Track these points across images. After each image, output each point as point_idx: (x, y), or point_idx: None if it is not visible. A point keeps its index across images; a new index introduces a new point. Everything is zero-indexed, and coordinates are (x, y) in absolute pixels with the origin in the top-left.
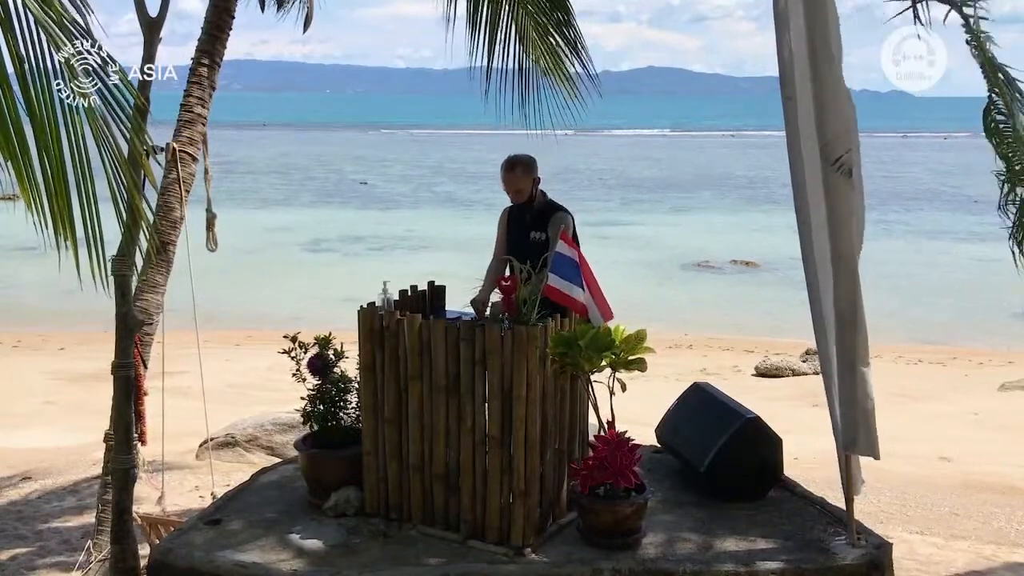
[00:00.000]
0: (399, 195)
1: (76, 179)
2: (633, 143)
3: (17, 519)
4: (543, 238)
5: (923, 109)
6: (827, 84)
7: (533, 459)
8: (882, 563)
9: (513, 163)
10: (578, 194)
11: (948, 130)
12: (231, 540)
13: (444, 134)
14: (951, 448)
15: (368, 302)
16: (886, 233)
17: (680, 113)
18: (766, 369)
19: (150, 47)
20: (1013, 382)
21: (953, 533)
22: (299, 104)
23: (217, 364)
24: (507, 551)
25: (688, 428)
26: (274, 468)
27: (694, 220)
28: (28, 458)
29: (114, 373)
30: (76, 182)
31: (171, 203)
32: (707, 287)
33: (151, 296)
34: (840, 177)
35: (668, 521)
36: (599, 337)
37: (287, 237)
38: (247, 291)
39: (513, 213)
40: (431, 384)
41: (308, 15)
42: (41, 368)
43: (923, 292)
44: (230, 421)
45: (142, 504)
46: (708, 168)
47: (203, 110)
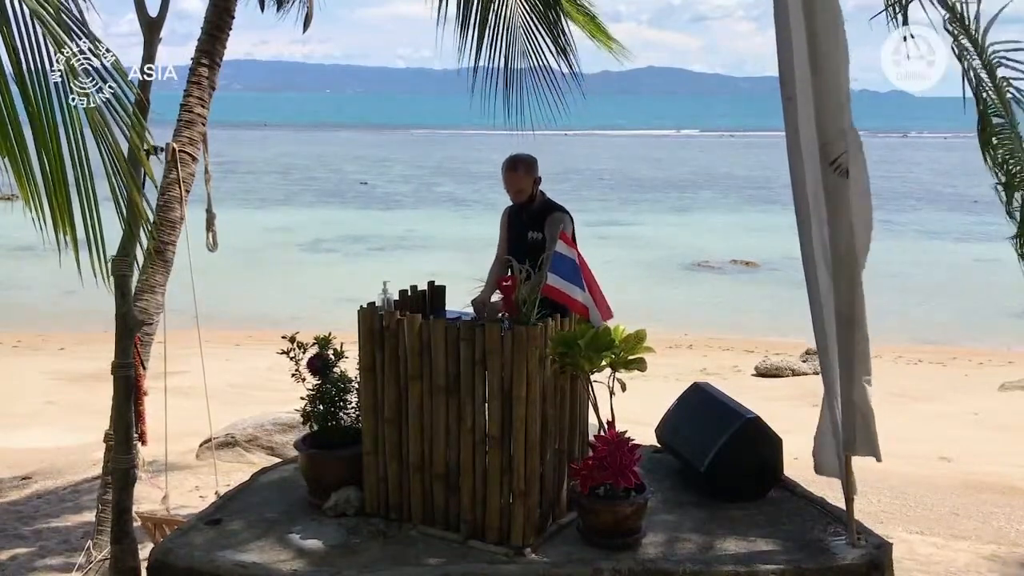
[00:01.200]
0: (399, 195)
1: (76, 178)
2: (633, 143)
3: (17, 519)
4: (540, 238)
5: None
6: (827, 85)
7: (533, 459)
8: (882, 563)
9: (515, 163)
10: (578, 194)
11: (948, 130)
12: (231, 540)
13: (444, 134)
14: (951, 448)
15: (368, 302)
16: (886, 233)
17: (680, 113)
18: (766, 369)
19: (150, 47)
20: (1013, 382)
21: (953, 533)
22: (299, 104)
23: (217, 364)
24: (507, 551)
25: (688, 428)
26: (274, 468)
27: (694, 220)
28: (28, 458)
29: (114, 373)
30: (76, 181)
31: (171, 203)
32: (707, 287)
33: (151, 296)
34: (838, 178)
35: (668, 521)
36: (599, 337)
37: (287, 237)
38: (247, 291)
39: (513, 213)
40: (431, 384)
41: (308, 15)
42: (41, 368)
43: (923, 292)
44: (230, 421)
45: (142, 504)
46: (708, 168)
47: (203, 110)
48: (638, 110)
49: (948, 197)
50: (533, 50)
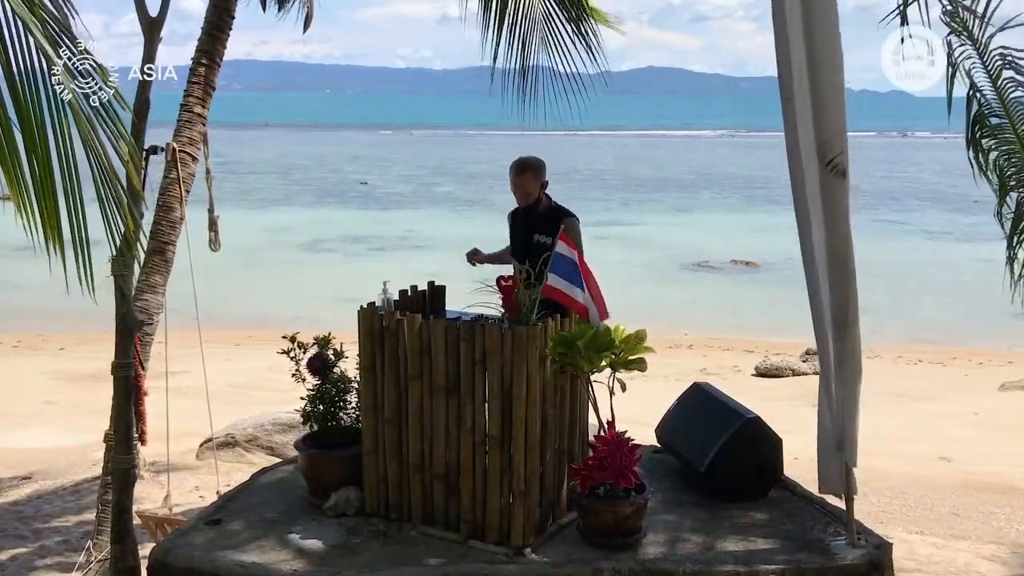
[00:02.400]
0: (399, 195)
1: (63, 182)
2: (633, 143)
3: (17, 519)
4: (548, 242)
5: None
6: (825, 86)
7: (533, 459)
8: (882, 563)
9: (523, 167)
10: (579, 194)
11: (948, 130)
12: (231, 540)
13: (444, 134)
14: (951, 448)
15: (368, 302)
16: (886, 233)
17: (680, 113)
18: (766, 369)
19: (150, 47)
20: (1013, 382)
21: (953, 533)
22: (299, 104)
23: (217, 364)
24: (507, 551)
25: (688, 428)
26: (274, 468)
27: (694, 220)
28: (28, 458)
29: (114, 373)
30: (63, 185)
31: (171, 203)
32: (707, 287)
33: (151, 296)
34: (834, 178)
35: (668, 521)
36: (599, 337)
37: (287, 237)
38: (247, 291)
39: (518, 215)
40: (431, 384)
41: (308, 15)
42: (41, 368)
43: (923, 292)
44: (230, 421)
45: (142, 504)
46: (708, 168)
47: (203, 110)
48: (638, 110)
49: (949, 197)
50: (553, 39)
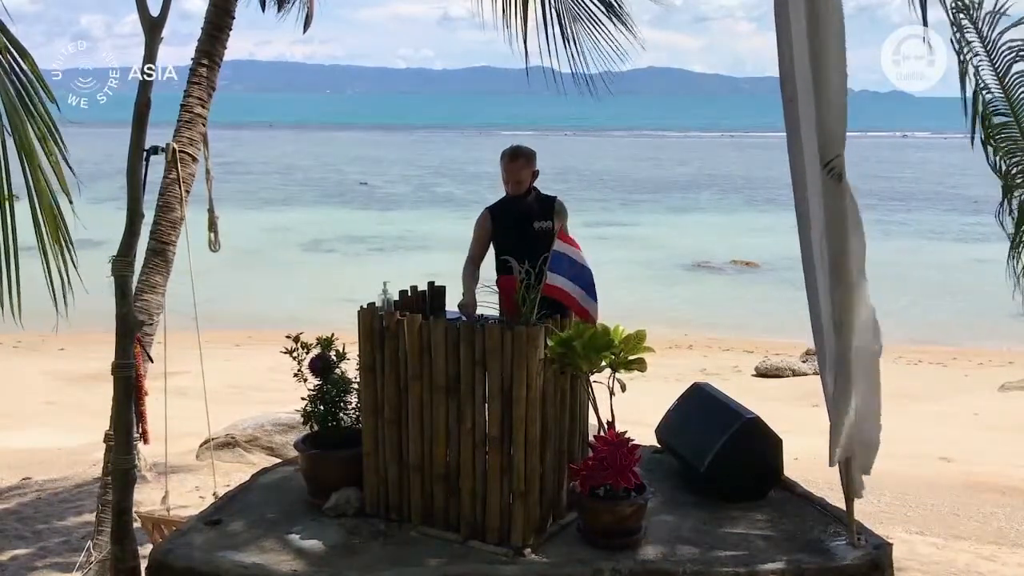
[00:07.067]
0: (399, 195)
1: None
2: (633, 143)
3: (17, 519)
4: (549, 226)
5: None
6: (826, 87)
7: (533, 459)
8: (882, 563)
9: (516, 153)
10: (578, 194)
11: (948, 130)
12: (231, 540)
13: (444, 134)
14: (951, 448)
15: (368, 302)
16: (886, 233)
17: (680, 113)
18: (766, 369)
19: (151, 47)
20: (1013, 382)
21: (953, 533)
22: (299, 104)
23: (217, 364)
24: (507, 551)
25: (688, 428)
26: (274, 468)
27: (694, 220)
28: (28, 458)
29: (114, 373)
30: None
31: (171, 203)
32: (707, 287)
33: (151, 296)
34: (831, 181)
35: (668, 521)
36: (597, 337)
37: (287, 237)
38: (247, 291)
39: (506, 207)
40: (431, 384)
41: (308, 15)
42: (41, 368)
43: (923, 292)
44: (230, 421)
45: (142, 504)
46: (708, 168)
47: (203, 110)
48: (639, 110)
49: (948, 197)
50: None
